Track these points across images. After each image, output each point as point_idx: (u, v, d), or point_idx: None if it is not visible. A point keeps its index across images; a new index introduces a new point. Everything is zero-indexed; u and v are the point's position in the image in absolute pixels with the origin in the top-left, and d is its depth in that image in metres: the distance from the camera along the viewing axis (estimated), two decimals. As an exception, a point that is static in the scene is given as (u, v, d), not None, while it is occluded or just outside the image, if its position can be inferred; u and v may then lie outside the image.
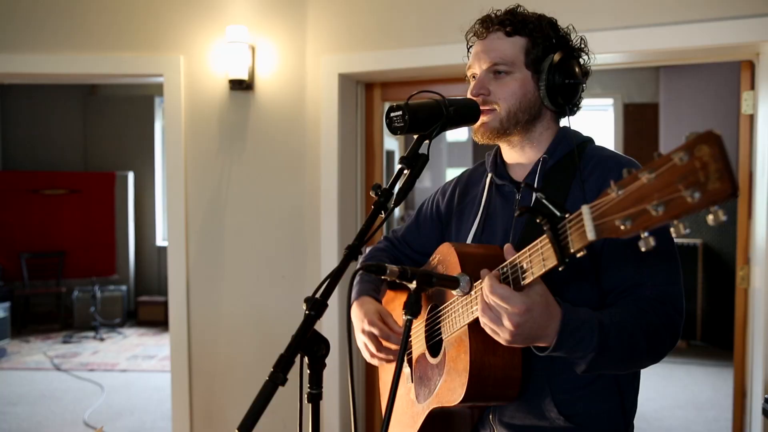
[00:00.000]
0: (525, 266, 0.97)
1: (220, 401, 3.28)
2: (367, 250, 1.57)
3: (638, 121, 6.75)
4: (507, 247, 1.04)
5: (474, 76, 1.28)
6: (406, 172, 1.08)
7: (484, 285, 0.99)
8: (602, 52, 2.71)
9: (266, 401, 0.86)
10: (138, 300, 7.25)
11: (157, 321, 6.88)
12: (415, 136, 1.11)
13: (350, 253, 1.00)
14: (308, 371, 0.94)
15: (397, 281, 1.04)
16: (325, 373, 3.27)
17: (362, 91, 3.37)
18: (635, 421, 1.31)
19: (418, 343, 1.35)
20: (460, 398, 1.13)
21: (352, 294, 1.40)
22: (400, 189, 1.06)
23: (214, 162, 3.28)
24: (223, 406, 3.28)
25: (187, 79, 3.25)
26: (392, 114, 1.11)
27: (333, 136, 3.14)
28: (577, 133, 1.30)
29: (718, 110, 5.69)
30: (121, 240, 7.39)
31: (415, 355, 1.37)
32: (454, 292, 1.10)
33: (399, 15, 3.03)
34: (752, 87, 2.73)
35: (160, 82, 3.30)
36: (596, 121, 7.22)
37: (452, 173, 7.79)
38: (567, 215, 0.88)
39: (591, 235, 0.83)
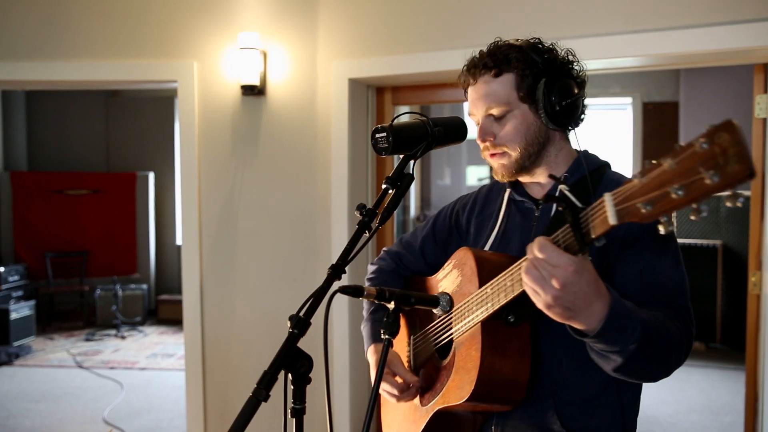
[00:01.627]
0: None
1: (233, 401, 3.34)
2: (370, 268, 1.59)
3: (657, 119, 6.67)
4: (538, 239, 1.00)
5: (477, 122, 1.29)
6: (390, 191, 1.10)
7: (535, 243, 0.95)
8: (614, 56, 2.70)
9: (249, 417, 0.89)
10: (158, 299, 7.38)
11: (177, 319, 6.98)
12: (401, 156, 1.13)
13: (334, 273, 1.03)
14: (292, 387, 0.97)
15: (376, 302, 1.06)
16: (335, 383, 3.28)
17: (373, 95, 3.40)
18: (649, 425, 1.29)
19: (427, 348, 1.36)
20: (468, 395, 1.13)
21: (364, 336, 1.45)
22: (385, 208, 1.09)
23: (227, 166, 3.33)
24: (236, 405, 3.32)
25: (200, 85, 3.31)
26: (377, 135, 1.14)
27: (344, 141, 3.17)
28: (595, 157, 1.32)
29: (739, 110, 5.60)
30: (142, 239, 7.52)
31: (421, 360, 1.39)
32: (435, 311, 1.12)
33: (409, 21, 3.05)
34: (765, 91, 2.69)
35: (174, 87, 3.36)
36: (614, 119, 7.14)
37: (472, 171, 7.77)
38: (587, 207, 0.91)
39: (612, 220, 0.85)
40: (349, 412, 3.25)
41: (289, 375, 0.96)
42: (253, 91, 3.22)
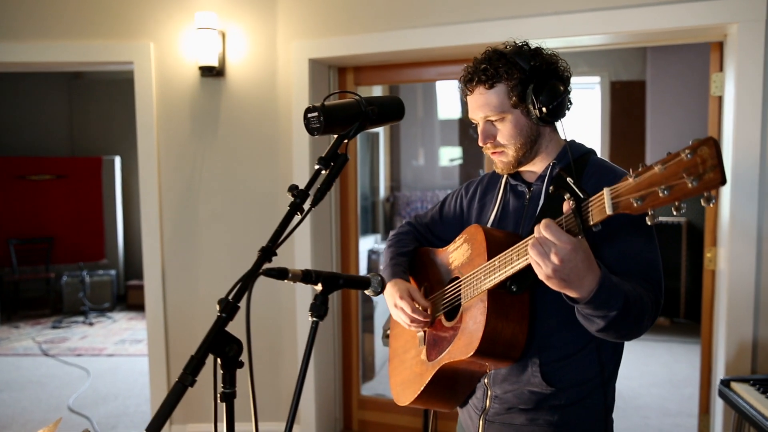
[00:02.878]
0: None
1: (198, 385, 3.31)
2: (391, 233, 1.80)
3: (625, 98, 6.72)
4: (544, 221, 1.15)
5: (476, 124, 1.46)
6: (324, 172, 1.08)
7: (541, 224, 1.11)
8: (572, 35, 2.71)
9: (175, 402, 0.88)
10: (127, 284, 7.28)
11: (147, 305, 6.92)
12: (335, 136, 1.11)
13: (264, 255, 1.02)
14: (221, 371, 0.95)
15: (303, 283, 1.05)
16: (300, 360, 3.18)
17: (335, 76, 3.36)
18: None
19: (435, 310, 1.56)
20: (473, 351, 1.30)
21: (385, 276, 1.66)
22: (318, 189, 1.08)
23: (187, 149, 3.28)
24: (201, 390, 3.31)
25: (157, 66, 3.24)
26: (309, 115, 1.13)
27: (304, 122, 3.13)
28: (581, 145, 1.50)
29: (703, 88, 5.66)
30: (110, 224, 7.39)
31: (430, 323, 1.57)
32: (366, 292, 1.12)
33: (369, 0, 3.01)
34: (721, 69, 2.72)
35: (127, 69, 3.28)
36: (583, 99, 7.18)
37: (445, 151, 7.75)
38: (589, 197, 1.09)
39: (609, 210, 1.03)
40: (314, 391, 3.25)
41: (218, 359, 0.94)
42: (212, 72, 3.16)
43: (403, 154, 7.59)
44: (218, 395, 0.96)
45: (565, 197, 1.11)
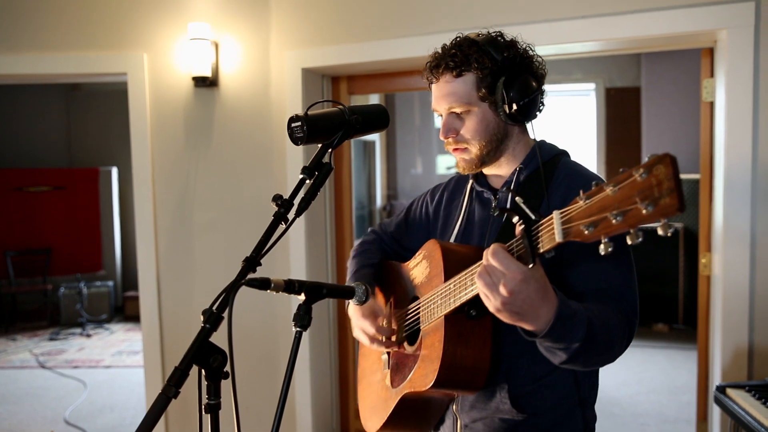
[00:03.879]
0: None
1: (194, 395, 3.30)
2: (356, 242, 1.68)
3: (620, 105, 6.74)
4: (493, 247, 1.05)
5: (440, 115, 1.34)
6: (308, 182, 1.08)
7: (489, 250, 1.00)
8: (564, 42, 2.71)
9: (158, 414, 0.87)
10: (125, 295, 7.27)
11: (144, 316, 6.90)
12: (319, 145, 1.11)
13: (248, 265, 1.01)
14: (206, 382, 0.95)
15: (286, 293, 1.05)
16: (297, 370, 3.22)
17: (328, 85, 3.37)
18: (610, 407, 1.37)
19: (399, 332, 1.44)
20: (431, 383, 1.20)
21: (348, 275, 1.55)
22: (302, 199, 1.07)
23: (181, 159, 3.28)
24: (197, 400, 3.30)
25: (151, 77, 3.24)
26: (292, 124, 1.12)
27: (298, 132, 3.13)
28: (552, 147, 1.38)
29: (698, 94, 5.68)
30: (107, 235, 7.39)
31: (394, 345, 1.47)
32: (351, 302, 1.12)
33: (362, 9, 3.02)
34: (712, 74, 2.73)
35: (124, 80, 3.29)
36: (578, 106, 7.20)
37: (442, 160, 7.77)
38: (540, 219, 0.96)
39: (559, 238, 0.91)
40: (311, 400, 3.24)
41: (203, 370, 0.93)
42: (205, 83, 3.17)
43: (399, 161, 7.61)
44: (203, 407, 0.96)
45: (513, 220, 0.99)
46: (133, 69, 3.22)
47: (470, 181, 1.43)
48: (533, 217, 0.97)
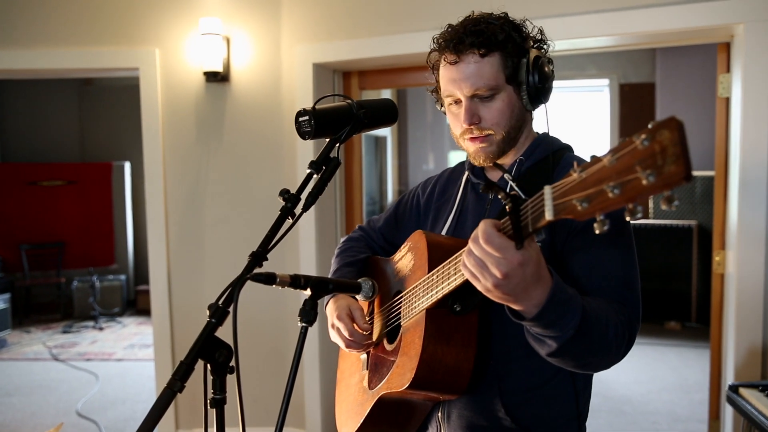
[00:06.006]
0: None
1: (202, 389, 3.31)
2: (341, 240, 1.59)
3: (634, 101, 6.68)
4: (483, 224, 0.96)
5: (456, 102, 1.22)
6: (315, 176, 1.07)
7: (479, 227, 0.90)
8: (577, 37, 2.68)
9: (163, 409, 0.87)
10: (137, 289, 7.32)
11: (156, 309, 6.94)
12: (327, 140, 1.10)
13: (254, 260, 1.01)
14: (212, 377, 0.95)
15: (291, 288, 1.04)
16: (306, 364, 3.21)
17: (339, 80, 3.36)
18: (621, 405, 1.28)
19: (378, 330, 1.35)
20: (409, 382, 1.11)
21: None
22: (309, 194, 1.06)
23: (192, 154, 3.29)
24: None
25: (162, 72, 3.25)
26: (300, 119, 1.11)
27: (308, 127, 3.13)
28: (555, 140, 1.30)
29: (713, 89, 5.61)
30: (120, 230, 7.44)
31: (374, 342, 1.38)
32: (357, 297, 1.10)
33: (372, 3, 3.01)
34: (728, 70, 2.69)
35: (136, 75, 3.30)
36: (592, 101, 7.14)
37: (455, 156, 7.74)
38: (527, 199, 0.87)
39: (549, 215, 0.81)
40: (320, 396, 3.24)
41: (208, 365, 0.93)
42: (217, 78, 3.17)
43: (411, 157, 7.59)
44: (209, 401, 0.95)
45: (499, 196, 0.89)
46: (144, 64, 3.23)
47: (466, 173, 1.34)
48: (522, 195, 0.88)
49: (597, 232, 0.75)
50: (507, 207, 0.87)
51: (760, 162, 2.44)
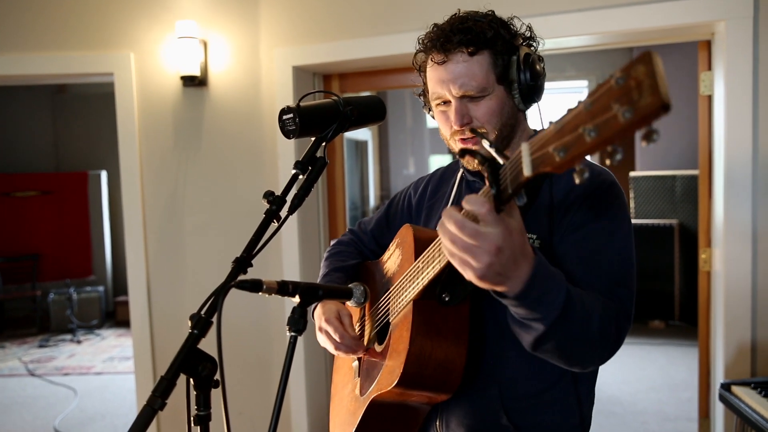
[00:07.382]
0: None
1: (185, 403, 3.23)
2: (332, 242, 1.54)
3: (613, 102, 6.72)
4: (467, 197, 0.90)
5: (445, 102, 1.18)
6: (301, 177, 1.02)
7: (464, 200, 0.85)
8: (560, 36, 2.67)
9: (144, 428, 0.81)
10: (116, 300, 7.17)
11: (136, 321, 6.80)
12: (312, 139, 1.05)
13: (238, 267, 0.95)
14: (195, 392, 0.89)
15: (278, 295, 0.99)
16: (291, 373, 3.17)
17: (320, 83, 3.31)
18: (610, 406, 1.25)
19: (368, 333, 1.30)
20: (398, 378, 1.05)
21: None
22: (295, 195, 1.01)
23: (170, 160, 3.21)
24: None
25: (138, 77, 3.17)
26: (284, 117, 1.05)
27: (289, 131, 3.07)
28: None
29: (693, 88, 5.66)
30: (97, 240, 7.29)
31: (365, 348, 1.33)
32: (348, 303, 1.05)
33: (352, 5, 2.96)
34: (709, 67, 2.69)
35: (110, 81, 3.21)
36: (571, 103, 7.16)
37: (435, 160, 7.73)
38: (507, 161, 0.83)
39: (527, 170, 0.77)
40: (306, 405, 3.17)
41: (191, 380, 0.87)
42: (194, 82, 3.10)
43: (392, 162, 7.56)
44: (192, 418, 0.89)
45: (476, 160, 0.85)
46: (119, 69, 3.15)
47: (460, 171, 1.30)
48: (500, 160, 0.83)
49: (577, 181, 0.72)
50: (485, 172, 0.82)
51: (744, 159, 2.44)
